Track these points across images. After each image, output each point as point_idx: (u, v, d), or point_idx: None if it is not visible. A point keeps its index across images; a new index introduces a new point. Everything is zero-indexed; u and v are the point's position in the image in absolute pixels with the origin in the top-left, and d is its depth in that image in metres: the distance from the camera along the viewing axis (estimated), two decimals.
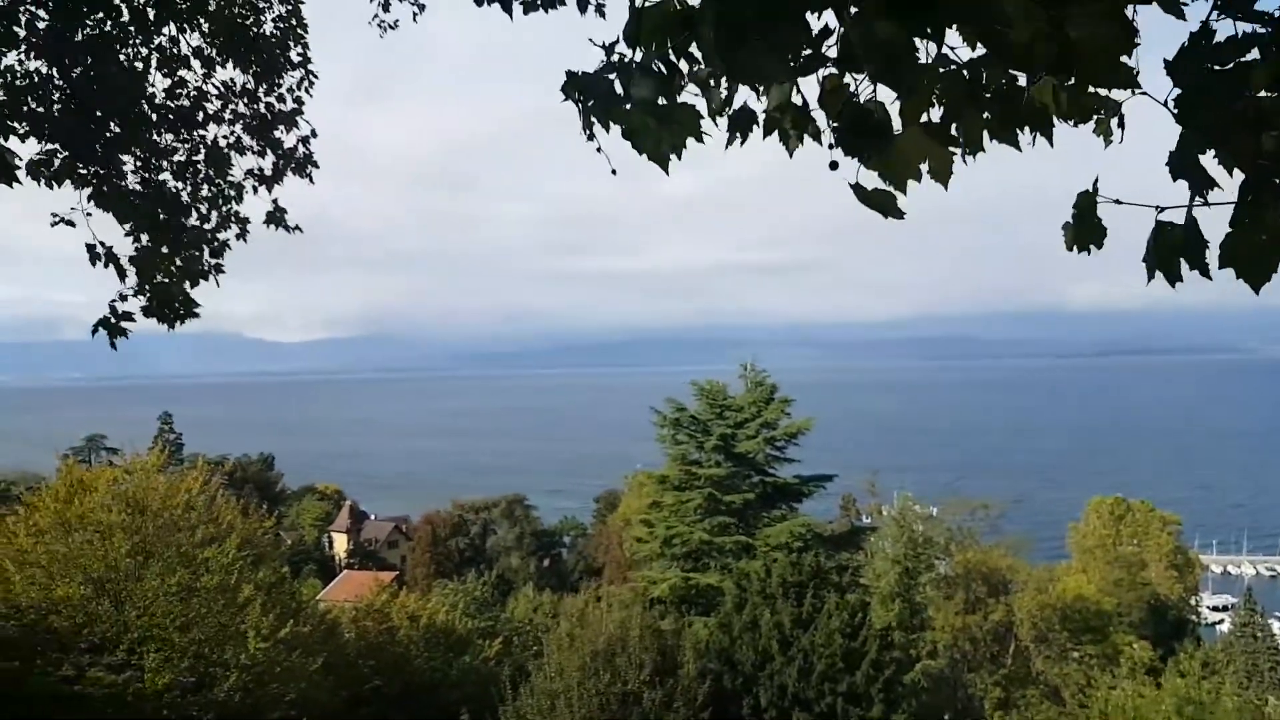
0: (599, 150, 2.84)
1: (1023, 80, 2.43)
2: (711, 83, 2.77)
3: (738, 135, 2.80)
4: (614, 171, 2.95)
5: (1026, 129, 2.55)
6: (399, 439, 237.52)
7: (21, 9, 5.13)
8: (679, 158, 2.68)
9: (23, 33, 5.17)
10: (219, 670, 17.50)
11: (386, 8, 7.31)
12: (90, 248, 5.35)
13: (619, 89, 2.64)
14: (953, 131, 2.50)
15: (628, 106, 2.64)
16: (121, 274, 5.43)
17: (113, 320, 5.51)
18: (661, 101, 2.61)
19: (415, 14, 7.15)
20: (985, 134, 2.57)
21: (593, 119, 2.71)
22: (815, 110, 2.64)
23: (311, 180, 6.39)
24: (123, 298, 5.55)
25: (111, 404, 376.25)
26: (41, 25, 5.21)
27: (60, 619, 16.94)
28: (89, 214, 5.48)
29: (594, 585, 64.19)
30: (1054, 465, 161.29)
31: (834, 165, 2.50)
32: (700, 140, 2.69)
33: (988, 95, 2.48)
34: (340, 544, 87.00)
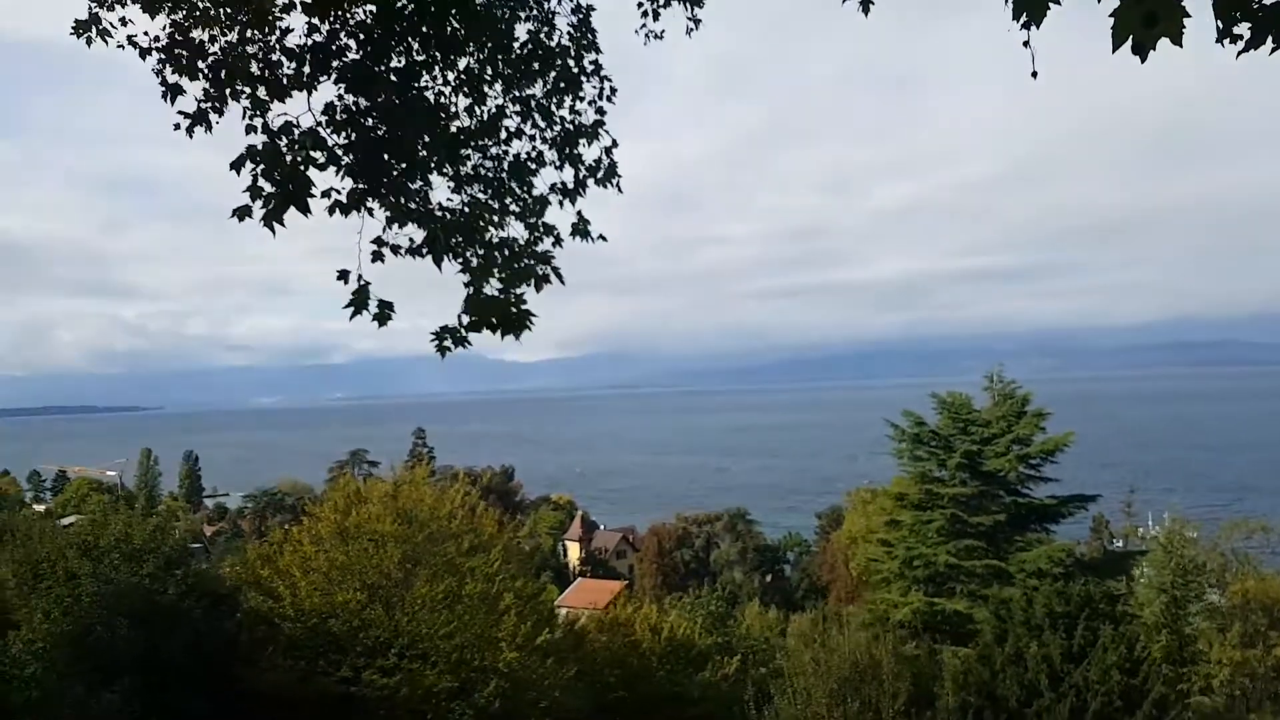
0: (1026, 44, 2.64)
1: None
2: None
3: None
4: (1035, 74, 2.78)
5: None
6: (625, 453, 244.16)
7: (335, 43, 5.41)
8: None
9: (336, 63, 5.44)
10: (479, 676, 18.27)
11: (656, 16, 7.01)
12: (344, 272, 5.35)
13: None
14: None
15: None
16: (363, 302, 5.34)
17: (445, 335, 5.63)
18: None
19: (690, 28, 6.87)
20: None
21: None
22: None
23: (619, 189, 6.31)
24: (382, 322, 5.68)
25: (369, 421, 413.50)
26: (351, 58, 5.42)
27: (338, 623, 18.21)
28: (390, 245, 5.69)
29: (821, 604, 62.62)
30: None
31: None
32: None
33: None
34: (573, 552, 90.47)
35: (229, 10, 5.49)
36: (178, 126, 5.48)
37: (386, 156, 5.45)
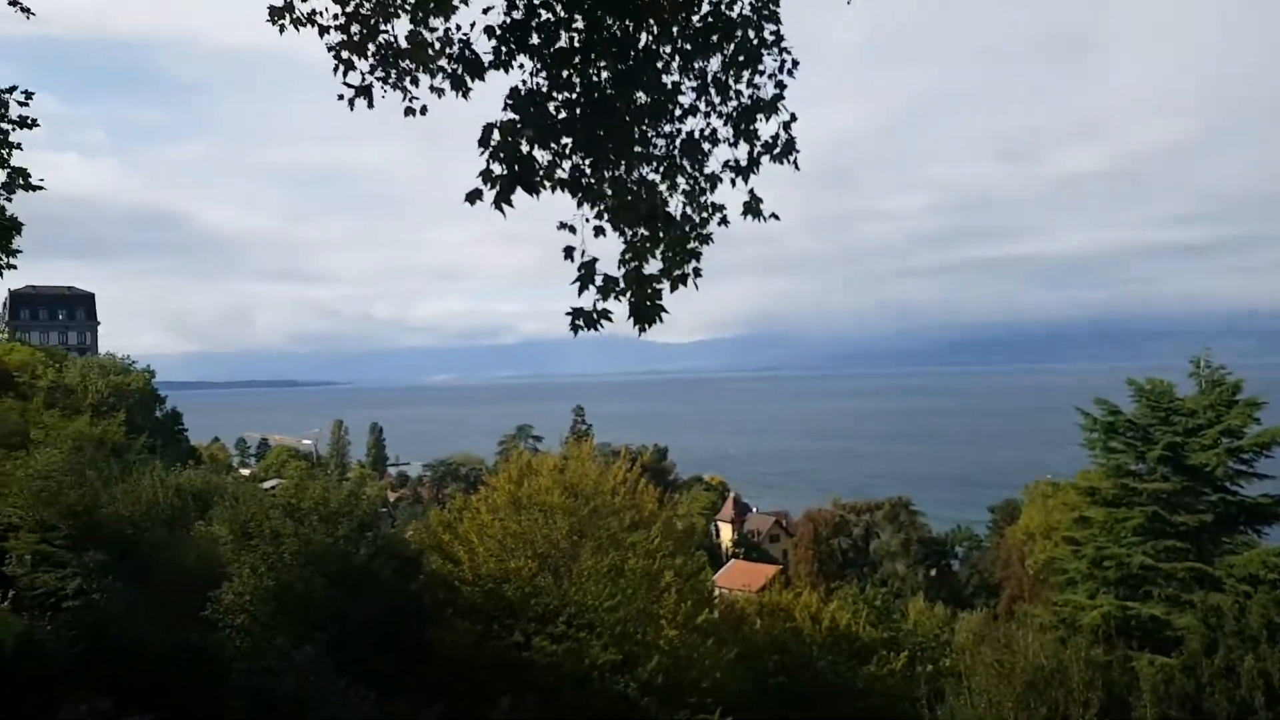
0: None
1: None
2: None
3: None
4: None
5: None
6: (777, 436, 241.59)
7: (536, 18, 5.29)
8: None
9: (534, 41, 5.34)
10: (641, 650, 18.35)
11: None
12: (569, 249, 5.50)
13: None
14: None
15: None
16: (590, 277, 5.52)
17: (589, 314, 5.61)
18: None
19: None
20: None
21: None
22: None
23: (797, 166, 5.94)
24: (605, 296, 5.63)
25: (533, 398, 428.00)
26: (558, 37, 5.36)
27: (512, 589, 18.77)
28: (588, 221, 5.60)
29: (993, 603, 59.57)
30: None
31: None
32: None
33: None
34: (726, 533, 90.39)
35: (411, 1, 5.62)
36: (341, 97, 5.71)
37: (603, 133, 5.45)
